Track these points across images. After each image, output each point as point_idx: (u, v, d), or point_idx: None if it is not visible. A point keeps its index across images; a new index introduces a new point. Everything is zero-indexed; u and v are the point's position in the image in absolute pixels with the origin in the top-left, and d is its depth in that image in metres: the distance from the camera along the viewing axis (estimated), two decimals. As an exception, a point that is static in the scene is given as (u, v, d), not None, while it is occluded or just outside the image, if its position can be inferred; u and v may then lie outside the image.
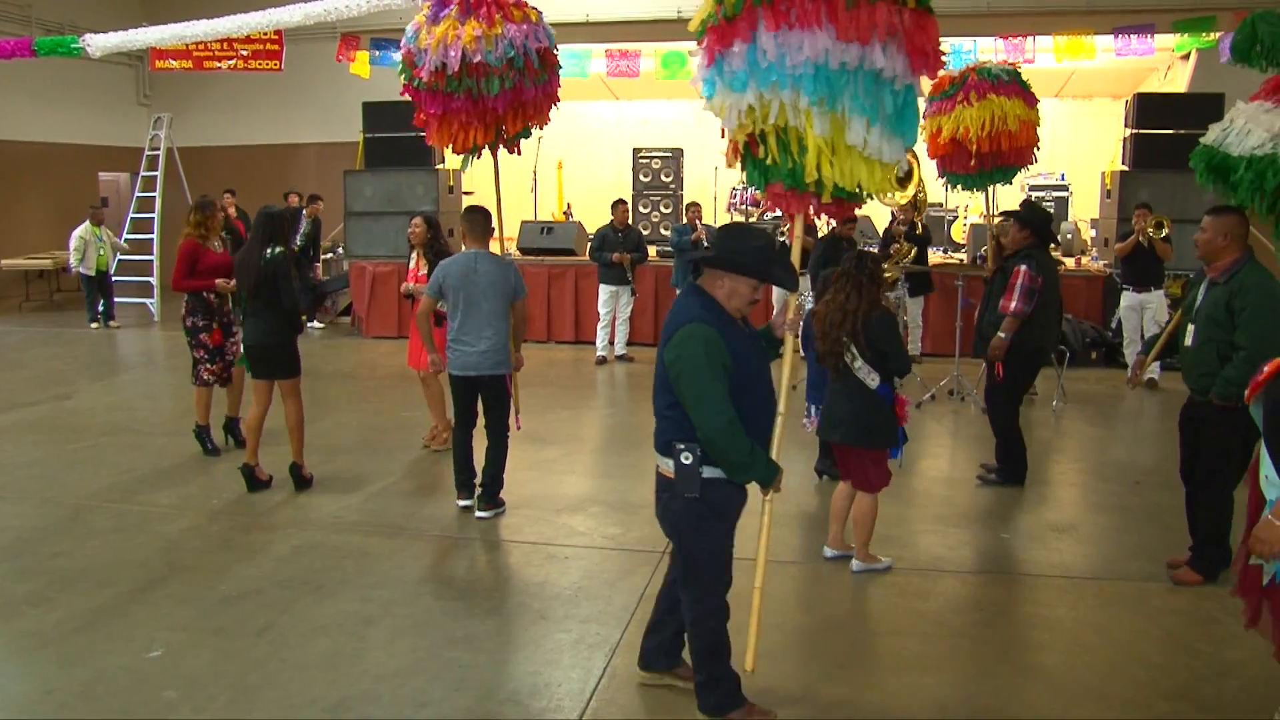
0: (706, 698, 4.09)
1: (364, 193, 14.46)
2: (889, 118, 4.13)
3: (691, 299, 3.96)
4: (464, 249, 6.64)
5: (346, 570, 5.70)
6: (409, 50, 6.60)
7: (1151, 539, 6.23)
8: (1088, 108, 16.69)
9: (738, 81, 4.10)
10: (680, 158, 16.07)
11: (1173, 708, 4.26)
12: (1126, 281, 11.12)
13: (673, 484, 3.92)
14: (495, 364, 6.48)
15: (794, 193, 4.30)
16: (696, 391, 3.75)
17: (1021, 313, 6.98)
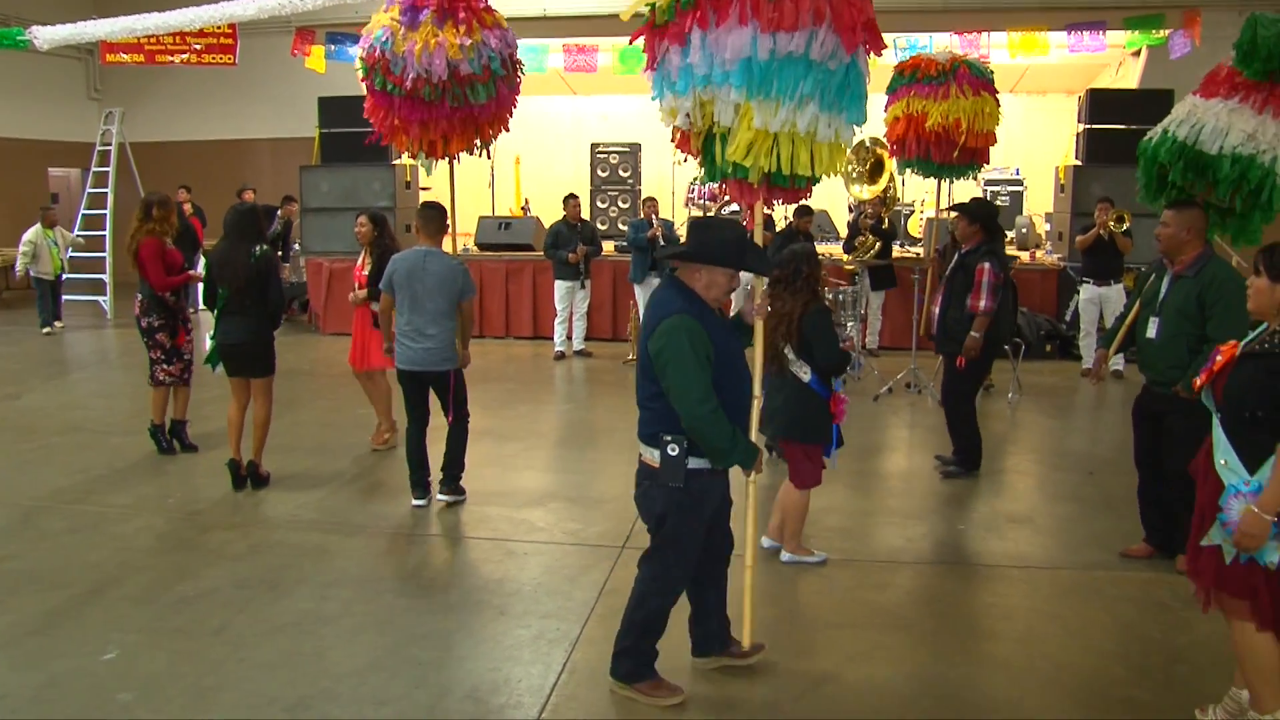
0: (622, 664, 4.26)
1: (320, 188, 14.37)
2: (828, 100, 4.17)
3: (672, 291, 4.06)
4: (417, 245, 6.63)
5: (304, 568, 5.66)
6: (382, 55, 6.48)
7: (1105, 528, 6.31)
8: (1042, 103, 16.89)
9: (680, 85, 4.21)
10: (638, 153, 16.09)
11: (1126, 693, 4.33)
12: (1087, 274, 11.24)
13: (655, 473, 4.06)
14: (440, 360, 6.51)
15: (746, 184, 4.40)
16: (682, 380, 3.87)
17: (991, 310, 7.08)
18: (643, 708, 4.19)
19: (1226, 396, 3.68)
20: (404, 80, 6.42)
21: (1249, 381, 3.61)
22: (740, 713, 4.20)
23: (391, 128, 6.77)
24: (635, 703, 4.21)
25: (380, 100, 6.70)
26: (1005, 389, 10.14)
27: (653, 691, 4.22)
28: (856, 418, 9.10)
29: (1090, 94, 13.30)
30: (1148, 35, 13.69)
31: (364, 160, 14.19)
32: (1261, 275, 3.68)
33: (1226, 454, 3.65)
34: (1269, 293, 3.65)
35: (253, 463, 7.08)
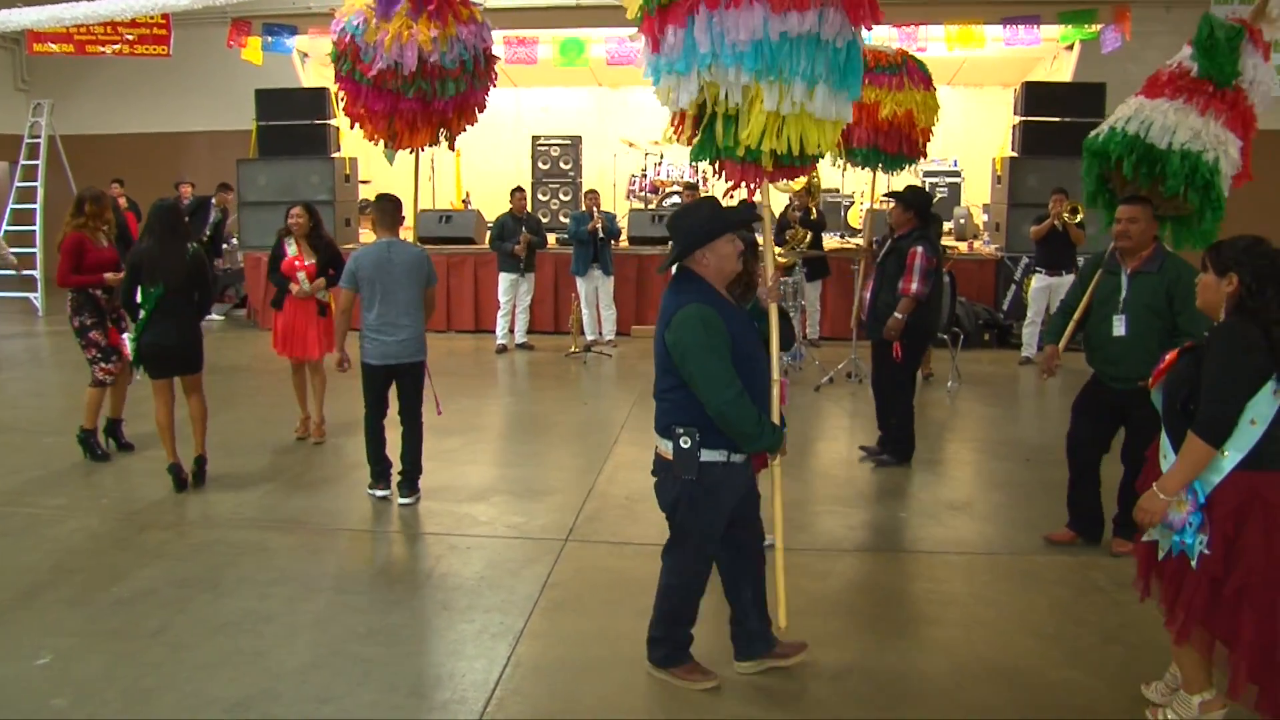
0: (656, 650, 4.33)
1: (258, 182, 14.18)
2: (833, 77, 4.17)
3: (683, 283, 4.06)
4: (375, 238, 6.60)
5: (245, 567, 5.59)
6: (353, 42, 6.42)
7: (1042, 513, 6.40)
8: (979, 95, 17.10)
9: (681, 65, 4.13)
10: (579, 145, 16.07)
11: (1063, 676, 4.40)
12: (1039, 264, 11.43)
13: (670, 465, 4.05)
14: (415, 351, 6.53)
15: (749, 165, 4.38)
16: (703, 369, 3.87)
17: (921, 294, 7.13)
18: (585, 700, 4.19)
19: (1164, 392, 3.76)
20: (370, 69, 6.39)
21: (1181, 375, 3.69)
22: (679, 701, 4.21)
23: (358, 114, 6.72)
24: (579, 694, 4.21)
25: (348, 87, 6.65)
26: (945, 378, 10.26)
27: (687, 675, 4.28)
28: (798, 408, 9.17)
29: (1025, 87, 13.47)
30: (1080, 30, 13.91)
31: (302, 153, 14.06)
32: (1209, 271, 3.73)
33: (1166, 448, 3.74)
34: (1215, 288, 3.70)
35: (201, 457, 6.97)
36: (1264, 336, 3.52)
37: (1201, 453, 3.54)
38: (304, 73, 15.81)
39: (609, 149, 16.22)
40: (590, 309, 12.44)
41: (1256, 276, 3.58)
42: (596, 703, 4.18)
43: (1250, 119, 5.73)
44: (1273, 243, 3.70)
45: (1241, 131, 5.66)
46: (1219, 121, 5.58)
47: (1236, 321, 3.60)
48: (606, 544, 5.95)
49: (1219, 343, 3.59)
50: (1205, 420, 3.53)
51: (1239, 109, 5.66)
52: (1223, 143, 5.55)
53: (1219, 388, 3.54)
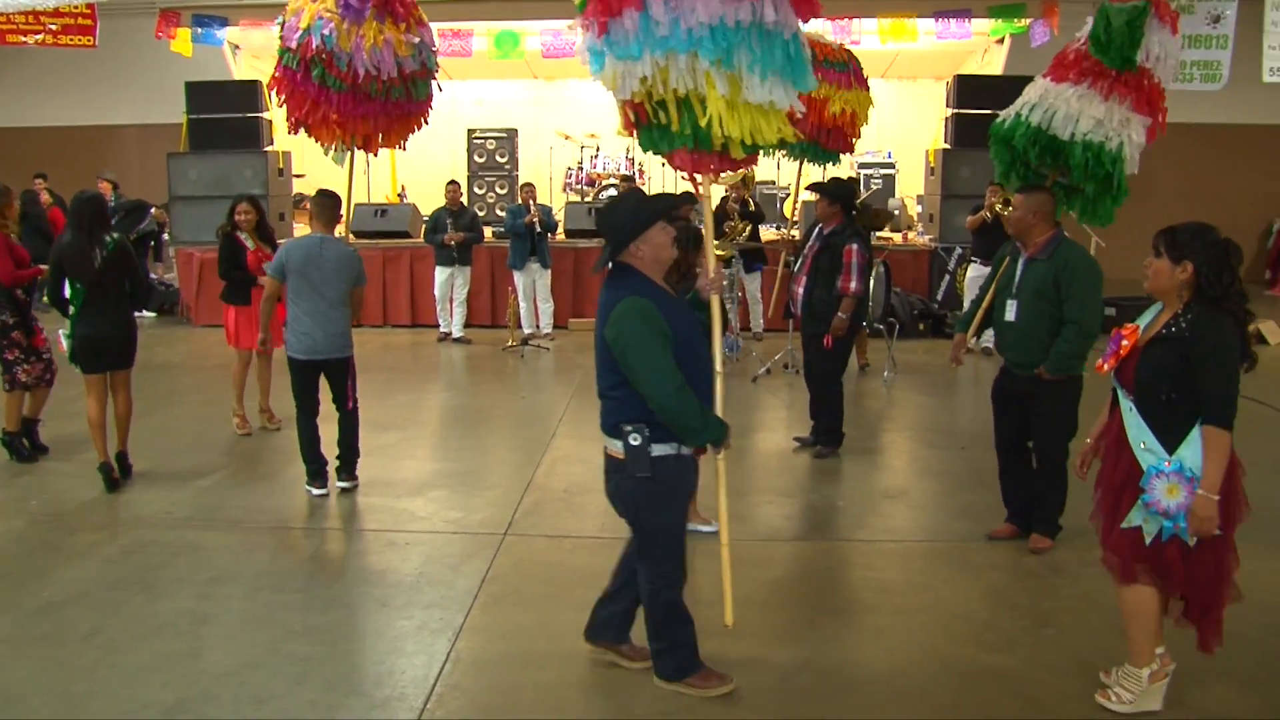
0: (665, 664, 4.20)
1: (189, 176, 13.93)
2: (782, 67, 4.19)
3: (620, 277, 3.99)
4: (309, 232, 6.59)
5: (180, 568, 5.49)
6: (324, 47, 6.31)
7: (976, 501, 6.50)
8: (912, 88, 17.27)
9: (633, 49, 4.09)
10: (515, 138, 16.00)
11: (998, 660, 4.47)
12: (976, 254, 11.57)
13: (623, 465, 3.96)
14: (342, 346, 6.55)
15: (701, 154, 4.38)
16: (644, 363, 3.80)
17: (860, 292, 7.18)
18: (525, 695, 4.18)
19: (1139, 381, 3.81)
20: (350, 75, 6.34)
21: (1159, 366, 3.75)
22: (620, 693, 4.22)
23: (324, 120, 6.60)
24: (519, 688, 4.21)
25: (314, 92, 6.51)
26: (880, 368, 10.36)
27: (703, 684, 4.17)
28: (736, 399, 9.21)
29: (957, 80, 13.65)
30: (1010, 24, 14.12)
31: (235, 147, 13.84)
32: (1162, 257, 3.79)
33: (1145, 436, 3.78)
34: (1169, 274, 3.76)
35: (122, 453, 6.87)
36: (1234, 320, 3.67)
37: (1226, 441, 3.66)
38: (235, 65, 15.56)
39: (545, 142, 16.16)
40: (528, 302, 12.43)
41: (1211, 264, 3.68)
42: (537, 696, 4.18)
43: (1157, 95, 5.81)
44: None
45: (1148, 109, 5.76)
46: (1124, 104, 5.67)
47: (1213, 313, 3.69)
48: (545, 537, 5.94)
49: (1210, 337, 3.68)
50: (1222, 411, 3.65)
51: (1144, 89, 5.74)
52: (1127, 127, 5.64)
53: (1224, 378, 3.66)
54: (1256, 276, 17.11)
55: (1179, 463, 3.68)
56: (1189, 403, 3.70)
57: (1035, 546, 5.70)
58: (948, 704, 4.13)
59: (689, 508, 5.87)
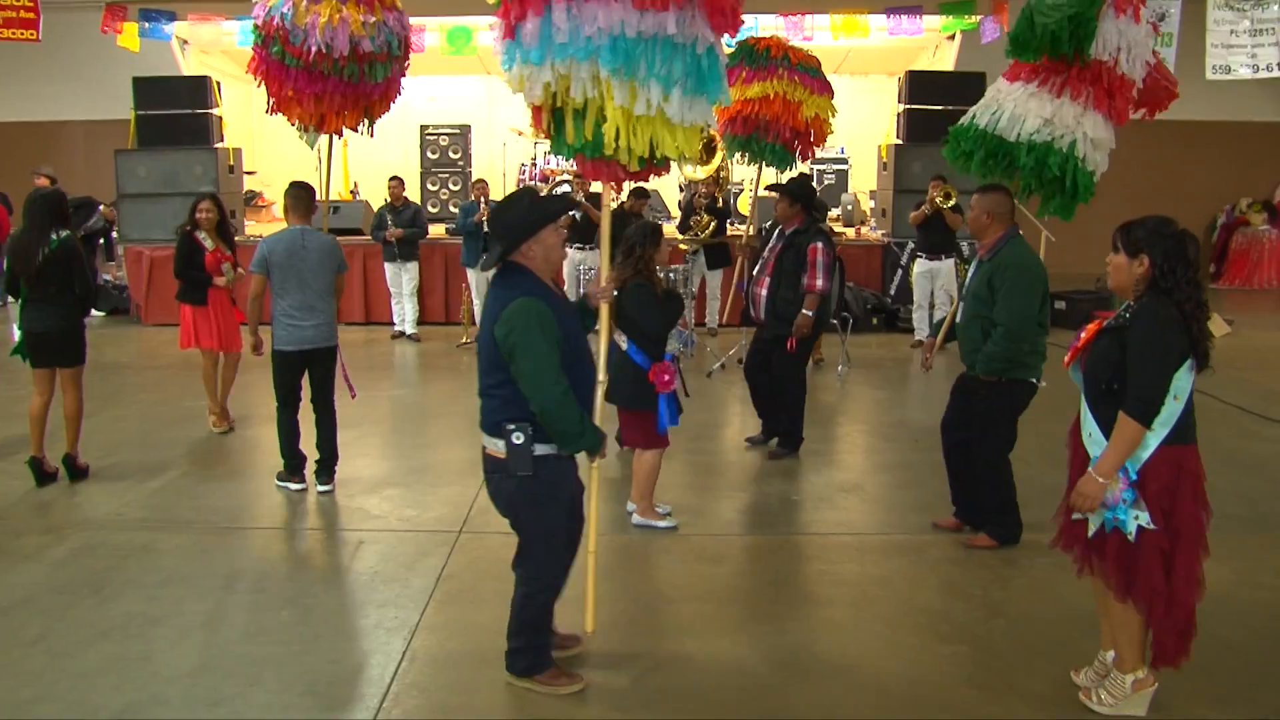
0: (518, 661, 4.18)
1: (138, 173, 13.72)
2: (690, 81, 4.18)
3: (510, 277, 3.96)
4: (287, 225, 6.62)
5: (130, 570, 5.41)
6: (281, 24, 6.33)
7: (930, 494, 6.54)
8: (865, 84, 17.36)
9: (535, 54, 4.10)
10: (468, 134, 15.92)
11: (952, 650, 4.52)
12: (921, 249, 11.67)
13: (504, 464, 3.94)
14: (328, 336, 6.60)
15: (601, 162, 4.37)
16: (532, 364, 3.79)
17: (826, 290, 7.14)
18: (482, 694, 4.16)
19: (1086, 371, 3.85)
20: (303, 52, 6.35)
21: (1103, 355, 3.78)
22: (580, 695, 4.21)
23: (284, 98, 6.64)
24: (476, 687, 4.19)
25: (276, 70, 6.56)
26: (835, 362, 10.42)
27: (553, 681, 4.16)
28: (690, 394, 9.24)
29: (909, 76, 13.75)
30: (961, 20, 14.24)
31: (184, 143, 13.64)
32: (1120, 252, 3.81)
33: (1091, 426, 3.82)
34: (1128, 269, 3.78)
35: (70, 455, 6.79)
36: (1180, 315, 3.65)
37: (1134, 432, 3.65)
38: (184, 60, 15.33)
39: (498, 138, 16.08)
40: (481, 299, 12.37)
41: (1167, 256, 3.68)
42: (493, 693, 4.16)
43: (1120, 87, 5.63)
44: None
45: (1108, 106, 5.63)
46: (1079, 101, 5.59)
47: (1155, 302, 3.69)
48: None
49: (1142, 323, 3.68)
50: (1136, 400, 3.63)
51: (1104, 82, 5.60)
52: (1080, 124, 5.56)
53: (1148, 367, 3.64)
54: (1202, 271, 17.38)
55: None
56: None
57: (969, 542, 5.74)
58: (903, 695, 4.16)
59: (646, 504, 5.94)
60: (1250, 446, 7.62)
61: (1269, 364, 10.81)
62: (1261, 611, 4.89)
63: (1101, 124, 5.63)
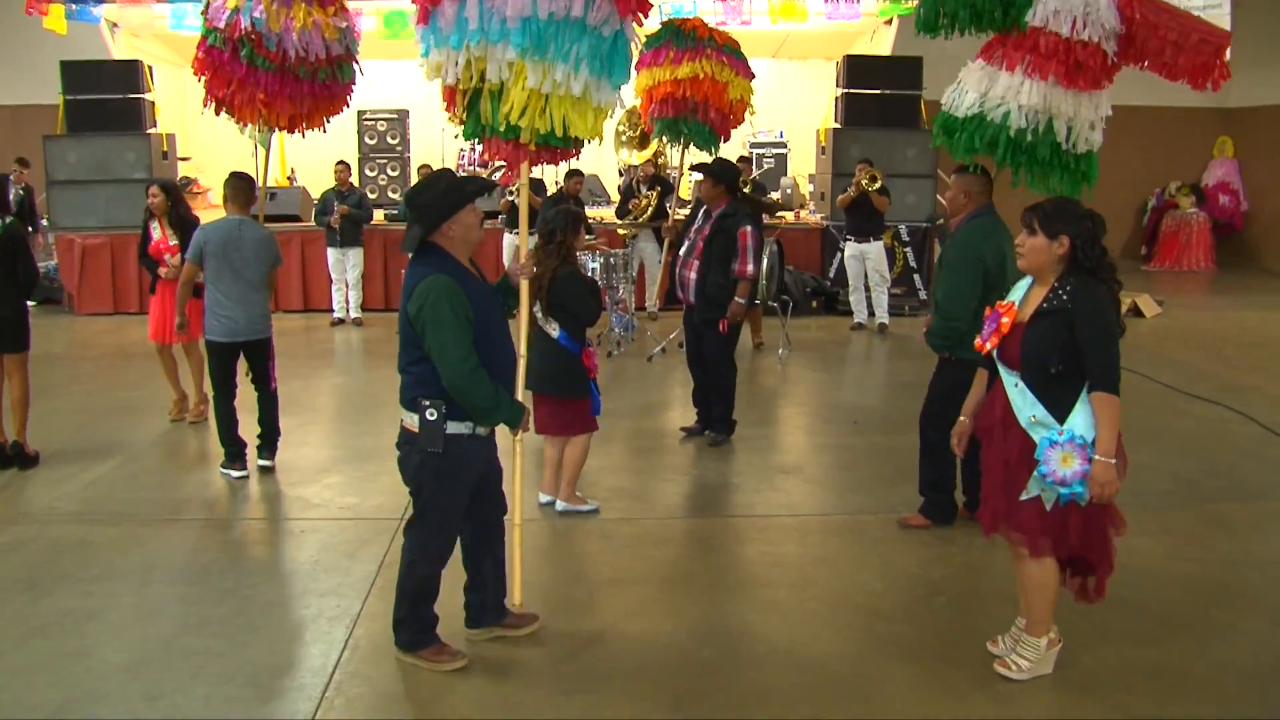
0: (402, 633, 4.26)
1: (67, 159, 13.40)
2: (598, 63, 4.28)
3: (427, 255, 4.04)
4: (226, 214, 6.60)
5: (65, 564, 5.31)
6: (253, 29, 6.26)
7: (870, 474, 6.65)
8: (803, 68, 17.46)
9: (452, 39, 4.18)
10: (406, 119, 15.76)
11: (892, 629, 4.58)
12: (849, 232, 11.75)
13: (415, 438, 4.03)
14: (261, 328, 6.63)
15: (511, 144, 4.46)
16: (440, 340, 3.88)
17: (757, 275, 7.11)
18: (425, 680, 4.16)
19: (1025, 356, 3.88)
20: (279, 56, 6.37)
21: (1045, 339, 3.83)
22: (519, 674, 4.23)
23: (250, 100, 6.55)
24: (419, 673, 4.19)
25: (247, 74, 6.48)
26: (775, 345, 10.49)
27: (435, 657, 4.22)
28: (631, 378, 9.28)
29: (847, 60, 13.81)
30: (898, 5, 14.32)
31: (116, 129, 13.36)
32: (1037, 234, 3.87)
33: (1035, 410, 3.86)
34: (1047, 250, 3.85)
35: (17, 443, 6.75)
36: (1109, 291, 3.81)
37: (1115, 406, 3.77)
38: (114, 44, 15.00)
39: (437, 123, 15.92)
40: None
41: (1085, 237, 3.81)
42: (436, 679, 4.15)
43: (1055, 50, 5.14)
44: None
45: (1052, 68, 5.14)
46: (1017, 71, 5.22)
47: (1086, 282, 3.82)
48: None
49: (1087, 305, 3.79)
50: (1107, 377, 3.76)
51: (1039, 49, 5.18)
52: (1018, 95, 5.23)
53: (1107, 344, 3.78)
54: (1133, 253, 17.74)
55: (1070, 432, 3.77)
56: (1075, 373, 3.80)
57: (905, 520, 5.78)
58: (845, 673, 4.22)
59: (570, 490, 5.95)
60: (1177, 424, 7.79)
61: (1196, 343, 11.05)
62: (1188, 583, 5.03)
63: (1035, 92, 5.20)
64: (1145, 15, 5.11)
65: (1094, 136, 5.36)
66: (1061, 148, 5.27)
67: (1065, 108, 5.20)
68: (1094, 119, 5.33)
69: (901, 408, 8.36)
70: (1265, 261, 17.52)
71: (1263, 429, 7.61)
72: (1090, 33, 5.08)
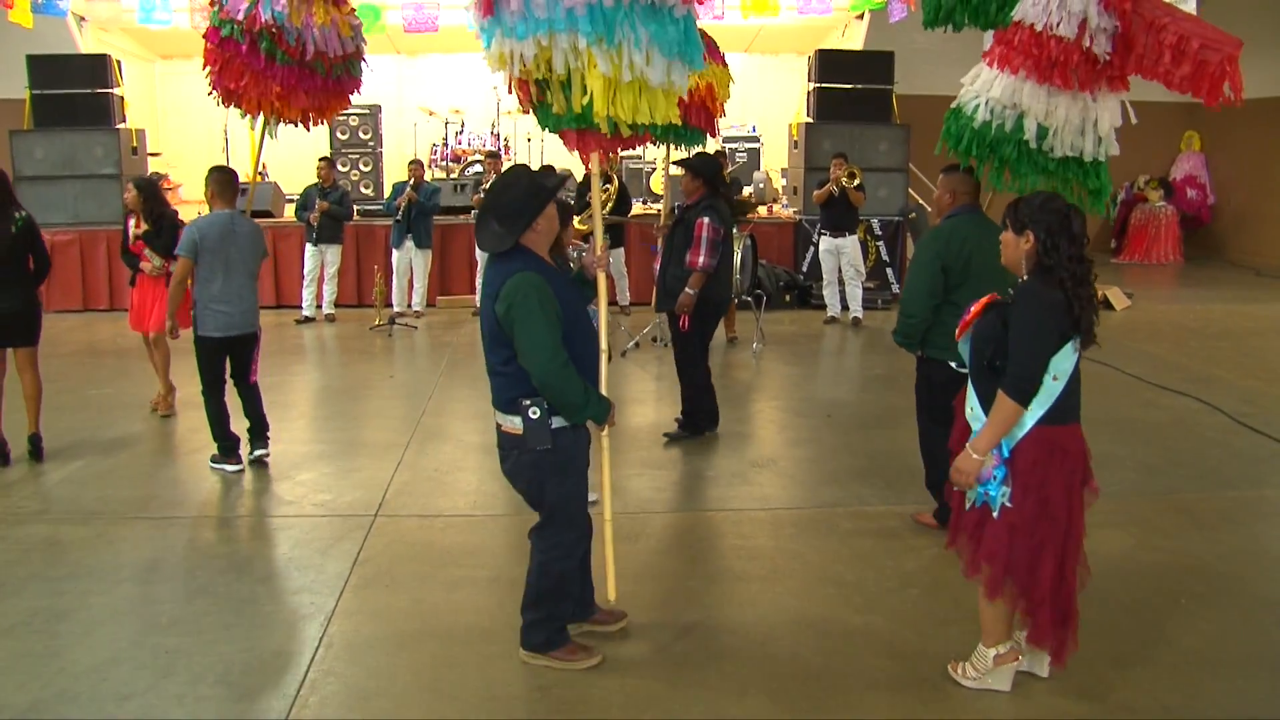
0: (535, 635, 4.21)
1: (34, 155, 13.26)
2: (670, 47, 4.21)
3: (510, 253, 3.99)
4: (211, 210, 6.64)
5: (33, 564, 5.27)
6: (274, 23, 6.27)
7: (842, 467, 6.69)
8: (775, 63, 17.51)
9: (519, 29, 4.10)
10: (378, 115, 15.66)
11: (864, 620, 4.61)
12: (825, 227, 11.80)
13: (522, 440, 3.99)
14: (252, 322, 6.71)
15: (587, 133, 4.42)
16: (531, 338, 3.84)
17: (709, 267, 6.97)
18: (400, 677, 4.16)
19: (972, 346, 3.88)
20: (299, 51, 6.43)
21: (987, 331, 3.80)
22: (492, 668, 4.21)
23: (265, 93, 6.62)
24: (394, 670, 4.18)
25: (266, 68, 6.52)
26: (749, 340, 10.52)
27: (569, 656, 4.19)
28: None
29: (819, 54, 13.86)
30: (869, 0, 14.39)
31: (83, 124, 13.24)
32: (1008, 229, 3.84)
33: (972, 400, 3.87)
34: (1015, 246, 3.81)
35: (36, 435, 6.85)
36: (1062, 294, 3.65)
37: (1011, 411, 3.67)
38: (81, 37, 14.85)
39: (409, 118, 15.93)
40: (401, 280, 12.34)
41: (1049, 233, 3.68)
42: (411, 678, 4.15)
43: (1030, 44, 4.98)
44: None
45: (1028, 67, 5.00)
46: (1003, 71, 5.10)
47: (1037, 281, 3.72)
48: (416, 517, 5.89)
49: (1021, 303, 3.71)
50: (1014, 379, 3.65)
51: (1014, 42, 5.06)
52: (988, 87, 5.14)
53: (1025, 347, 3.66)
54: (1103, 245, 17.87)
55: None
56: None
57: (918, 517, 5.77)
58: (818, 665, 4.24)
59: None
60: (1147, 415, 7.86)
61: (1165, 335, 11.17)
62: (1157, 573, 5.08)
63: (1004, 89, 5.08)
64: (1141, 10, 4.85)
65: (1082, 143, 5.10)
66: (1029, 147, 5.09)
67: (1037, 105, 5.02)
68: (1082, 123, 5.08)
69: (874, 401, 8.45)
70: (1232, 254, 17.72)
71: (1230, 419, 7.69)
72: (1066, 28, 4.87)
